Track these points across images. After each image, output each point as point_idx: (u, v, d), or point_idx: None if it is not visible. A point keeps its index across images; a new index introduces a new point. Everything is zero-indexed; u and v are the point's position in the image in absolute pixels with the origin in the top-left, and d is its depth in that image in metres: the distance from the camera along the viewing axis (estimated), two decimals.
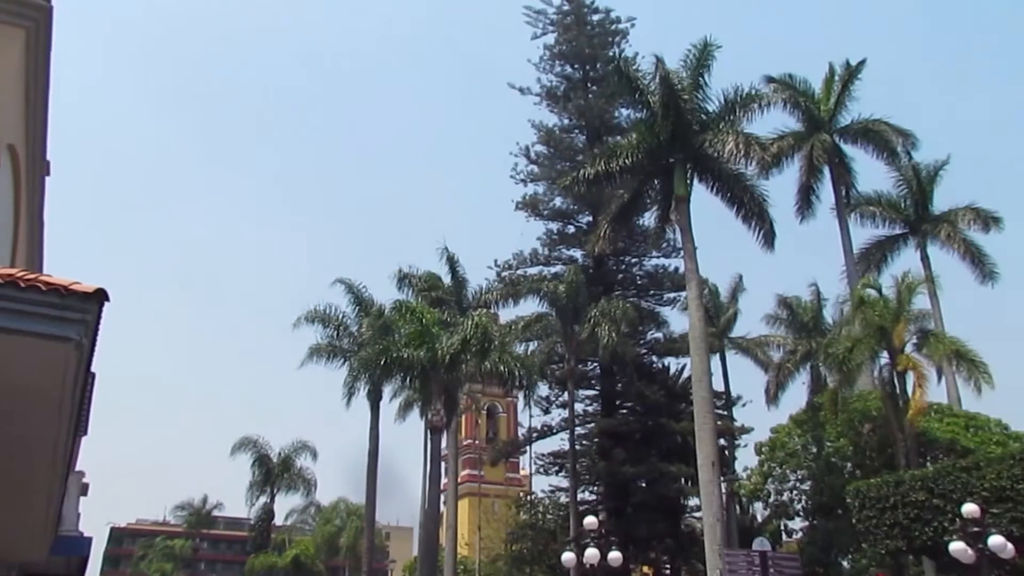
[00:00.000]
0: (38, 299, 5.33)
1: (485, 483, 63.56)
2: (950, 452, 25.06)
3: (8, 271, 5.54)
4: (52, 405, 6.90)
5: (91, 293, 5.57)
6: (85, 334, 5.67)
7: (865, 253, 36.69)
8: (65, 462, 8.92)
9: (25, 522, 11.28)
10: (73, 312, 5.52)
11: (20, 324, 5.32)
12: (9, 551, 15.23)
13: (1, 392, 6.70)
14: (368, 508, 35.36)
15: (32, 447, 7.92)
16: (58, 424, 7.35)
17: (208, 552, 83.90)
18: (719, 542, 25.84)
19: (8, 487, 9.46)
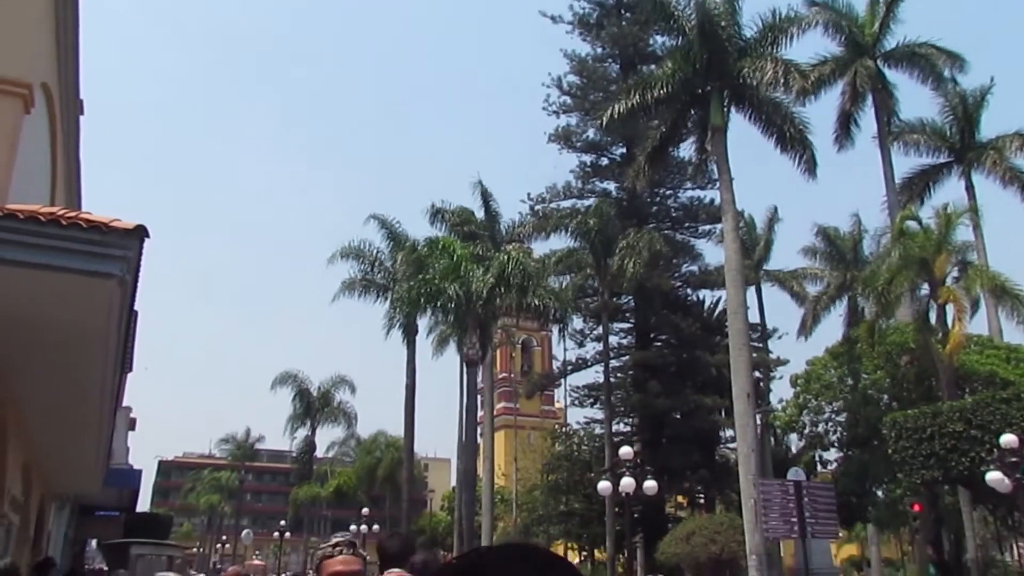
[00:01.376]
0: (80, 236, 5.41)
1: (521, 416, 64.48)
2: (989, 384, 24.82)
3: (50, 210, 5.62)
4: (98, 342, 7.07)
5: (131, 230, 5.64)
6: (127, 270, 5.76)
7: (907, 183, 35.74)
8: (113, 397, 9.18)
9: (79, 455, 11.71)
10: (115, 249, 5.60)
11: (63, 261, 5.42)
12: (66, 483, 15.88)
13: (49, 329, 6.88)
14: (407, 440, 36.10)
15: (81, 383, 8.16)
16: (104, 360, 7.54)
17: (253, 483, 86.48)
18: (754, 472, 26.03)
19: (61, 422, 9.80)
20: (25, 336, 7.09)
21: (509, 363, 74.99)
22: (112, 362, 7.61)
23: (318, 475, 55.33)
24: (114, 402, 9.37)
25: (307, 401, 49.15)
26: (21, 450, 10.66)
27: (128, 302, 6.56)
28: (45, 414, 9.59)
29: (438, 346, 41.11)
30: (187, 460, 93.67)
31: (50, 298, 6.15)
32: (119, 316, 6.53)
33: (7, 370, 8.00)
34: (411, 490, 36.57)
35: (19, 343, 7.26)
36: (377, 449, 55.76)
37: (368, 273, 37.47)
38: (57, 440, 10.75)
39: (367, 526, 39.64)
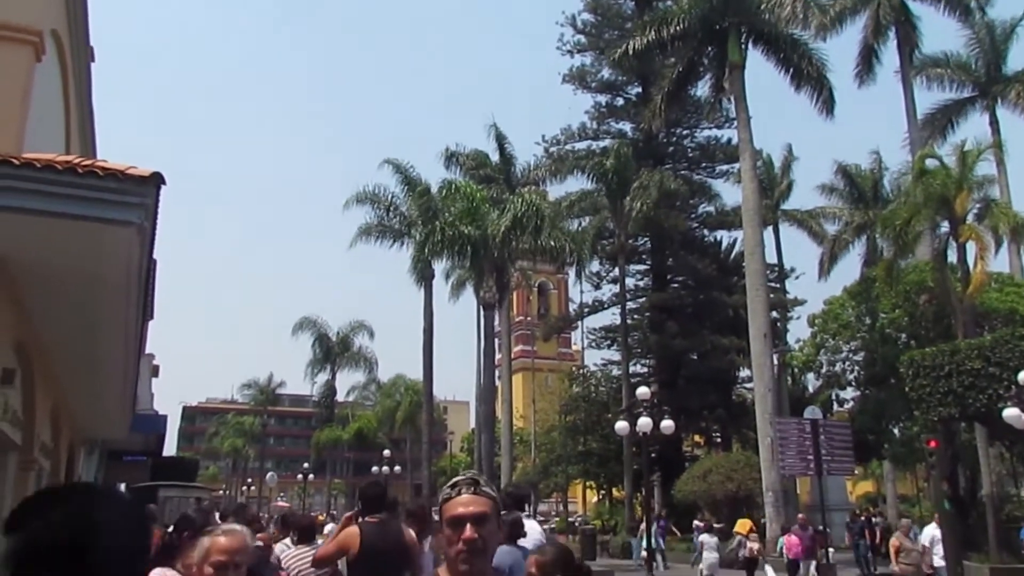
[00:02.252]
0: (97, 184, 5.43)
1: (538, 358, 64.86)
2: (1008, 321, 24.69)
3: (66, 158, 5.63)
4: (119, 289, 7.14)
5: (148, 177, 5.65)
6: (145, 217, 5.79)
7: (929, 118, 35.03)
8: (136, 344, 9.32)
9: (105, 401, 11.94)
10: (132, 196, 5.62)
11: (81, 210, 5.44)
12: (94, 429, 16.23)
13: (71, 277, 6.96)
14: (425, 383, 36.52)
15: (104, 330, 8.27)
16: (126, 307, 7.63)
17: (276, 427, 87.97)
18: (770, 411, 26.25)
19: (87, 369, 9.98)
20: (48, 284, 7.18)
21: (526, 306, 75.26)
22: (134, 309, 7.70)
23: (339, 419, 56.21)
24: (138, 349, 9.52)
25: (326, 346, 49.74)
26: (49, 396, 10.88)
27: (147, 250, 6.61)
28: (70, 361, 9.76)
29: (455, 290, 41.36)
30: (210, 406, 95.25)
31: (70, 246, 6.20)
32: (139, 264, 6.59)
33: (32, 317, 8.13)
34: (431, 432, 37.10)
35: (42, 291, 7.36)
36: (396, 393, 56.48)
37: (384, 218, 37.47)
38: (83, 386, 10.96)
39: (388, 468, 40.39)
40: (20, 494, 9.80)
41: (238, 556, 2.80)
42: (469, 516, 2.08)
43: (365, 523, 5.92)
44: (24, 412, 9.20)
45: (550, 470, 47.91)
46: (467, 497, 2.13)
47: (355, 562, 5.74)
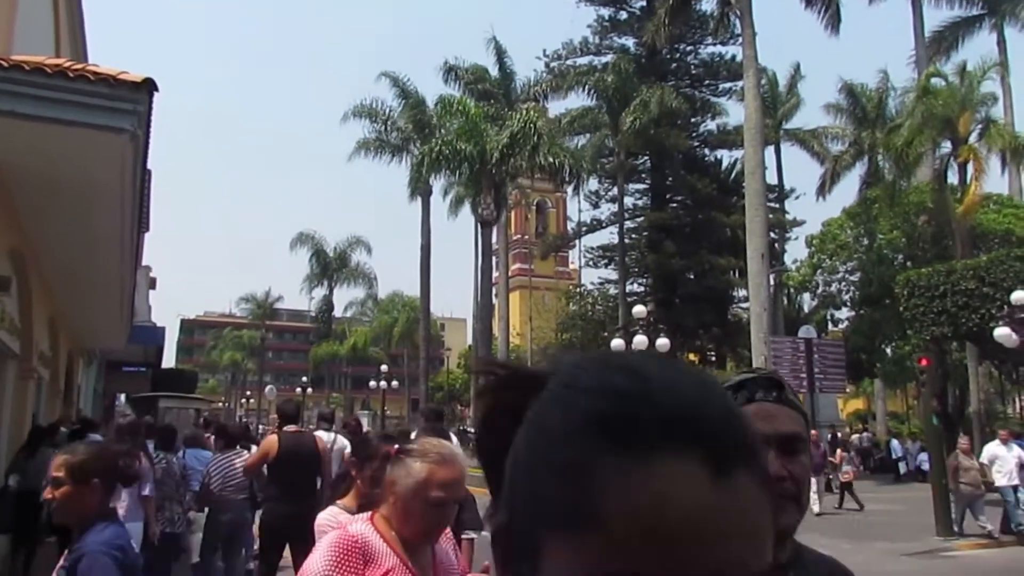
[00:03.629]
0: (88, 89, 5.33)
1: (535, 276, 65.07)
2: (1005, 242, 24.73)
3: (56, 62, 5.52)
4: (113, 199, 7.10)
5: (140, 83, 5.55)
6: (138, 125, 5.71)
7: (937, 36, 34.36)
8: (132, 255, 9.33)
9: (102, 311, 12.03)
10: (124, 103, 5.53)
11: (71, 115, 5.36)
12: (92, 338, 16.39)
13: (64, 184, 6.91)
14: (423, 299, 36.71)
15: (100, 239, 8.27)
16: (121, 216, 7.61)
17: (274, 342, 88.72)
18: (765, 330, 26.45)
19: (83, 278, 10.01)
20: (41, 192, 7.14)
21: (524, 224, 75.08)
22: (129, 219, 7.68)
23: (337, 334, 56.67)
24: (134, 259, 9.53)
25: (324, 261, 49.74)
26: (46, 306, 10.93)
27: (141, 158, 6.54)
28: (67, 270, 9.78)
29: (453, 207, 41.14)
30: (208, 319, 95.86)
31: (62, 153, 6.14)
32: (132, 172, 6.53)
33: (26, 226, 8.10)
34: (428, 348, 37.47)
35: (35, 199, 7.32)
36: (394, 309, 56.83)
37: (382, 133, 36.97)
38: (80, 297, 11.01)
39: (386, 383, 40.95)
40: (20, 402, 9.97)
41: (459, 491, 2.33)
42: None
43: (283, 433, 7.13)
44: (21, 320, 9.27)
45: None
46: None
47: (274, 464, 6.90)
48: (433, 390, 53.90)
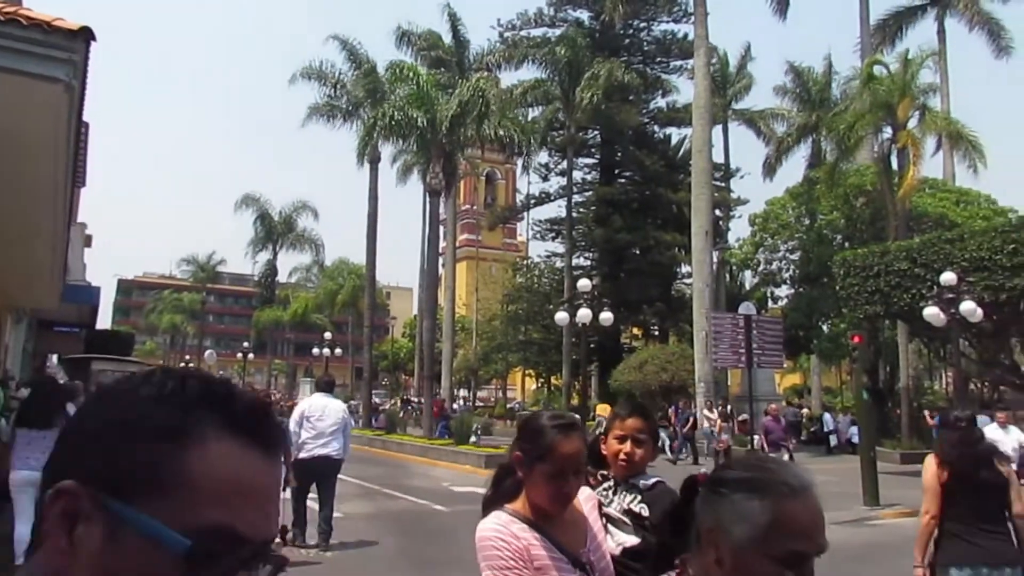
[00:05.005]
0: (19, 35, 5.15)
1: (483, 247, 65.13)
2: (939, 225, 25.54)
3: None
4: (46, 151, 6.89)
5: (77, 31, 5.38)
6: (74, 75, 5.55)
7: (881, 24, 35.14)
8: (66, 210, 9.07)
9: (32, 267, 11.67)
10: (59, 51, 5.36)
11: (2, 61, 5.18)
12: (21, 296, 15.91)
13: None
14: (368, 267, 36.37)
15: (30, 194, 8.02)
16: (54, 171, 7.39)
17: (215, 305, 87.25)
18: (707, 306, 26.98)
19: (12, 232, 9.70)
20: None
21: (473, 195, 74.89)
22: (62, 174, 7.47)
23: (280, 300, 55.98)
24: (67, 215, 9.27)
25: (269, 225, 48.93)
26: None
27: (76, 110, 6.36)
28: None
29: (402, 175, 40.81)
30: (147, 280, 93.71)
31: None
32: (67, 124, 6.35)
33: None
34: (372, 316, 37.25)
35: None
36: (340, 276, 56.26)
37: (332, 98, 36.32)
38: (8, 251, 10.64)
39: (329, 350, 40.71)
40: None
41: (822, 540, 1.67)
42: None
43: None
44: None
45: (491, 357, 48.88)
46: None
47: None
48: (377, 358, 53.68)
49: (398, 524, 11.71)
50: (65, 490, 0.66)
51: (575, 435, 2.19)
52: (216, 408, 0.70)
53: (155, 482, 0.65)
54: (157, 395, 0.70)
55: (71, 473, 0.67)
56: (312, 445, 9.07)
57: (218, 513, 0.65)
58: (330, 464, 9.25)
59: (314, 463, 9.05)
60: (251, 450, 0.70)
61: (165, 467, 0.65)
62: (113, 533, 0.64)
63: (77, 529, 0.65)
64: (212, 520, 0.65)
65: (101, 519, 0.65)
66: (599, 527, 2.38)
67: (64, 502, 0.66)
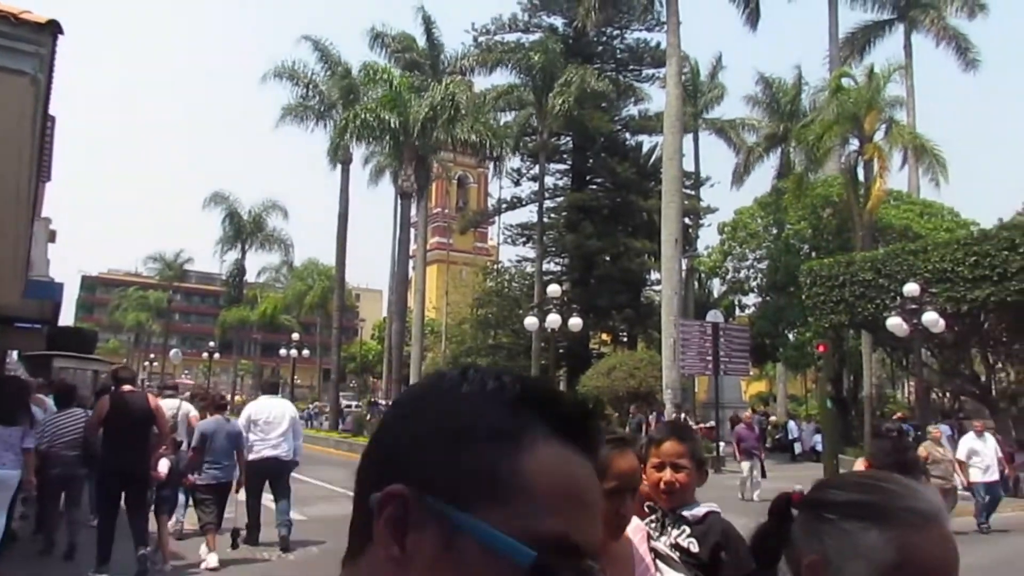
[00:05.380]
0: None
1: (454, 251, 65.00)
2: (903, 237, 25.99)
3: None
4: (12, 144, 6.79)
5: (44, 24, 5.33)
6: (40, 69, 5.48)
7: (850, 38, 35.81)
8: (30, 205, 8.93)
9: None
10: (25, 44, 5.29)
11: None
12: None
13: None
14: (338, 268, 36.17)
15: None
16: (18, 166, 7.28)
17: (182, 304, 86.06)
18: (675, 313, 27.17)
19: None
20: None
21: (445, 198, 74.73)
22: (27, 168, 7.36)
23: (248, 299, 55.44)
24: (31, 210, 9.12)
25: (238, 224, 48.48)
26: None
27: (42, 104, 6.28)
28: None
29: (374, 176, 40.68)
30: (112, 277, 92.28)
31: None
32: (32, 118, 6.27)
33: None
34: (341, 318, 37.02)
35: None
36: (309, 277, 55.89)
37: (305, 98, 36.12)
38: None
39: (297, 351, 40.37)
40: None
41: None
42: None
43: (114, 393, 7.80)
44: None
45: (460, 361, 48.78)
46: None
47: (105, 421, 7.55)
48: (346, 360, 53.40)
49: None
50: (394, 494, 0.63)
51: (630, 451, 2.01)
52: (542, 409, 0.66)
53: (493, 488, 0.62)
54: (481, 395, 0.67)
55: (392, 479, 0.63)
56: (261, 447, 9.14)
57: (557, 522, 0.61)
58: (281, 465, 9.32)
59: (264, 465, 9.11)
60: (579, 454, 0.66)
61: (502, 471, 0.62)
62: (450, 542, 0.61)
63: (408, 537, 0.62)
64: (552, 529, 0.61)
65: (436, 527, 0.61)
66: (649, 562, 2.17)
67: (392, 507, 0.62)
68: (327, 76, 34.85)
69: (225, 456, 8.62)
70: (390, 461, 0.66)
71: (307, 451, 25.12)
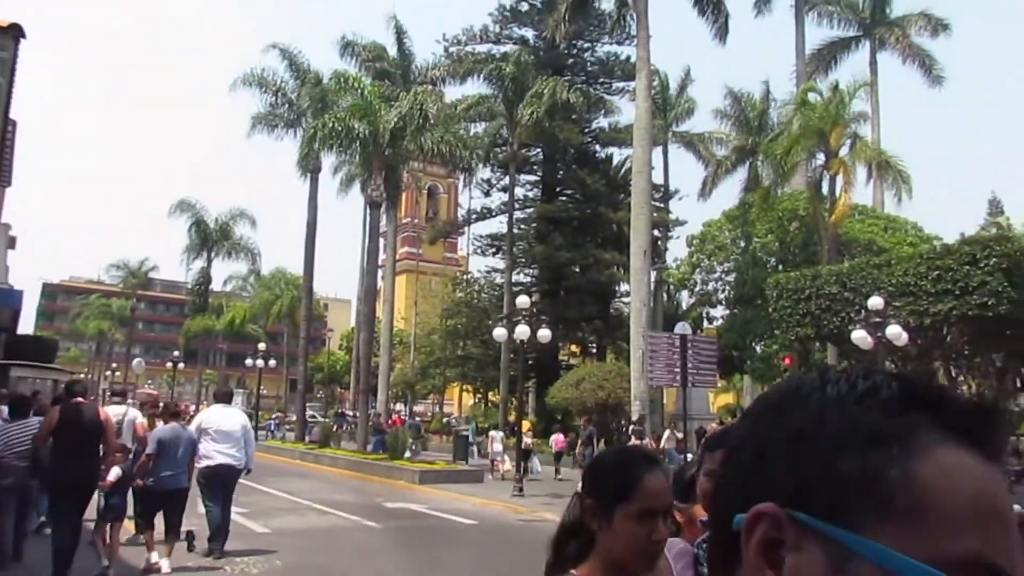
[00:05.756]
0: None
1: (423, 261, 64.85)
2: (867, 250, 26.38)
3: None
4: None
5: (6, 28, 5.24)
6: (2, 72, 5.38)
7: (816, 54, 36.42)
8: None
9: None
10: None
11: None
12: None
13: None
14: (306, 277, 35.86)
15: None
16: None
17: (146, 312, 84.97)
18: (644, 325, 27.27)
19: None
20: None
21: (415, 208, 74.63)
22: None
23: (214, 308, 54.75)
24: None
25: (204, 232, 47.87)
26: None
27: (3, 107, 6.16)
28: None
29: (344, 185, 40.44)
30: (74, 284, 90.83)
31: None
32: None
33: None
34: (309, 327, 36.66)
35: None
36: (277, 286, 55.37)
37: (274, 106, 35.83)
38: None
39: (263, 361, 39.92)
40: None
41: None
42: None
43: (64, 404, 7.93)
44: None
45: (428, 372, 48.60)
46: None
47: (55, 432, 7.66)
48: (313, 371, 52.93)
49: (327, 541, 11.51)
50: (764, 514, 0.55)
51: (660, 471, 1.79)
52: (932, 410, 0.56)
53: (883, 501, 0.53)
54: (852, 396, 0.57)
55: (760, 497, 0.56)
56: (216, 455, 9.39)
57: (970, 540, 0.51)
58: (230, 473, 9.56)
59: (219, 471, 9.39)
60: (984, 461, 0.54)
61: (893, 481, 0.53)
62: (839, 565, 0.52)
63: (786, 561, 0.55)
64: (966, 549, 0.51)
65: (818, 549, 0.54)
66: None
67: (764, 529, 0.55)
68: (297, 84, 34.64)
69: (181, 463, 8.75)
70: (755, 477, 0.59)
71: (271, 462, 24.93)
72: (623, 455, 1.91)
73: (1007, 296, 15.89)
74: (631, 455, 1.89)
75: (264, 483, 18.53)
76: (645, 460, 1.82)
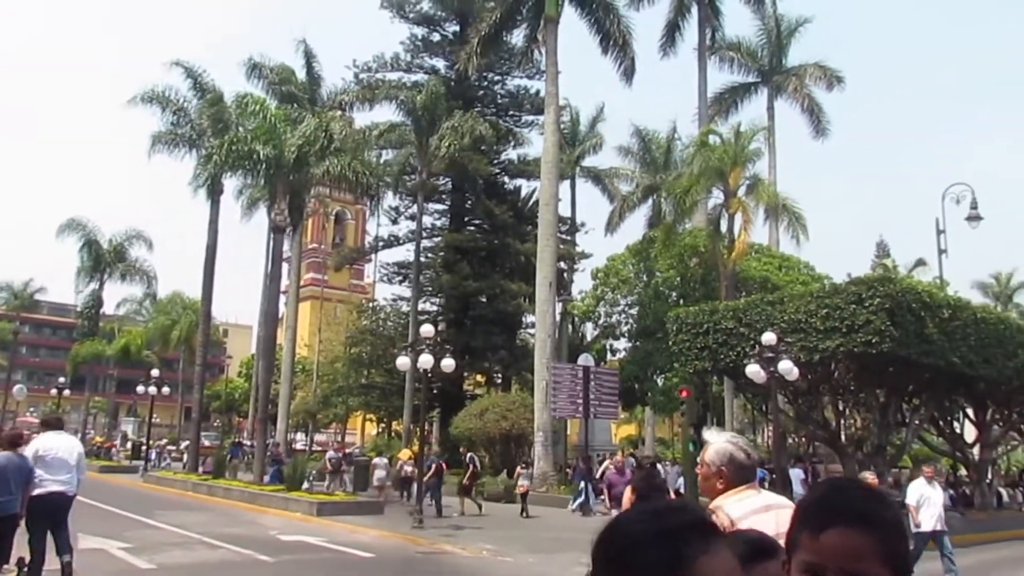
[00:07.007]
0: None
1: (328, 288, 63.81)
2: (763, 287, 27.36)
3: None
4: None
5: None
6: None
7: (718, 97, 37.83)
8: None
9: None
10: None
11: None
12: None
13: None
14: (204, 302, 34.65)
15: None
16: None
17: (31, 336, 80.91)
18: (548, 356, 27.54)
19: None
20: None
21: (321, 233, 73.58)
22: None
23: (105, 333, 52.39)
24: None
25: (97, 253, 45.81)
26: None
27: None
28: None
29: (247, 209, 39.52)
30: None
31: None
32: None
33: None
34: (206, 354, 35.40)
35: None
36: (174, 310, 53.44)
37: (175, 125, 34.68)
38: None
39: (156, 388, 38.36)
40: None
41: None
42: None
43: None
44: None
45: (331, 400, 47.65)
46: None
47: None
48: (210, 398, 51.18)
49: None
50: None
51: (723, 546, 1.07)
52: None
53: None
54: None
55: None
56: (48, 483, 9.34)
57: None
58: (64, 500, 9.54)
59: (50, 499, 9.31)
60: None
61: None
62: None
63: None
64: None
65: None
66: None
67: None
68: (200, 104, 33.72)
69: (14, 490, 8.68)
70: None
71: (161, 494, 23.89)
72: (666, 520, 1.08)
73: (889, 335, 16.67)
74: (679, 521, 1.08)
75: (151, 516, 17.73)
76: (699, 531, 1.07)
